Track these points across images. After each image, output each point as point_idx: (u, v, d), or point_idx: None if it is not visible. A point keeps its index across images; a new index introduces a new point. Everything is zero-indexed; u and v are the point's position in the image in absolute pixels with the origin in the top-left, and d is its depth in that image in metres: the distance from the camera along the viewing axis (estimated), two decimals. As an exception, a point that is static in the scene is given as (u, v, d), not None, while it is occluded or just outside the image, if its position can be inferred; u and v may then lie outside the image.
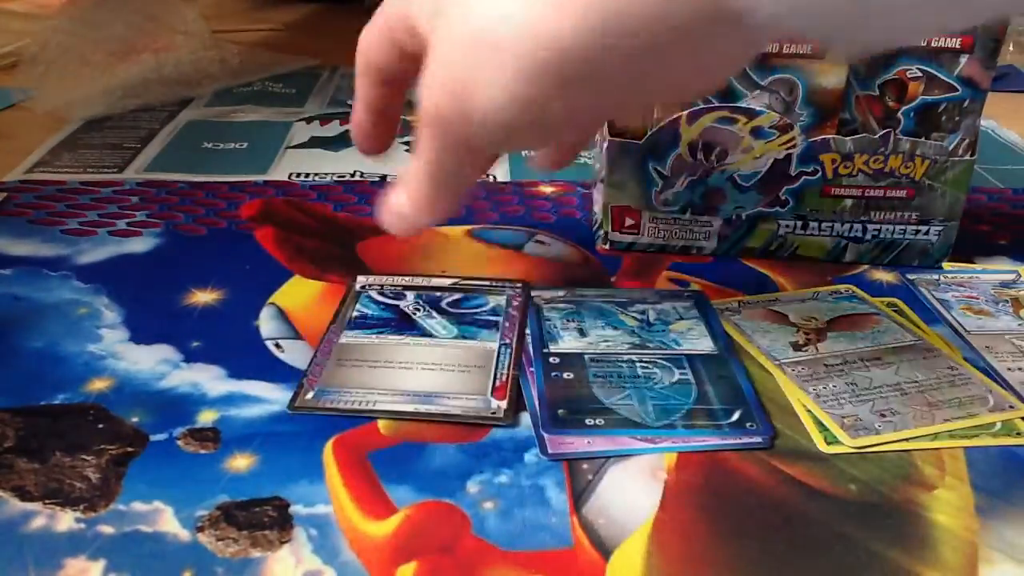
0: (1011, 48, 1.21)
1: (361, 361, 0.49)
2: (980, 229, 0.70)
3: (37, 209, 0.69)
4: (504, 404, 0.46)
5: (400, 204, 0.38)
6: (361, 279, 0.58)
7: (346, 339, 0.51)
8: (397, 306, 0.55)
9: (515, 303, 0.55)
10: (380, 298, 0.55)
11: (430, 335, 0.52)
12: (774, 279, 0.61)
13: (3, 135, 0.86)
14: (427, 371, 0.49)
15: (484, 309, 0.55)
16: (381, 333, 0.52)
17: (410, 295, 0.56)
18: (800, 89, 0.57)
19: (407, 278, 0.58)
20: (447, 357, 0.50)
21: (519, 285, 0.58)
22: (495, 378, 0.48)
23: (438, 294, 0.56)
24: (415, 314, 0.54)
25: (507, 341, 0.51)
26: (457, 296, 0.56)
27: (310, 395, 0.46)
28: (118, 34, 0.98)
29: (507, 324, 0.53)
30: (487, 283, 0.58)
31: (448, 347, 0.51)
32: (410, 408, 0.45)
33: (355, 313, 0.54)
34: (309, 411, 0.45)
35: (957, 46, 0.56)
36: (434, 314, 0.54)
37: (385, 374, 0.48)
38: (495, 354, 0.50)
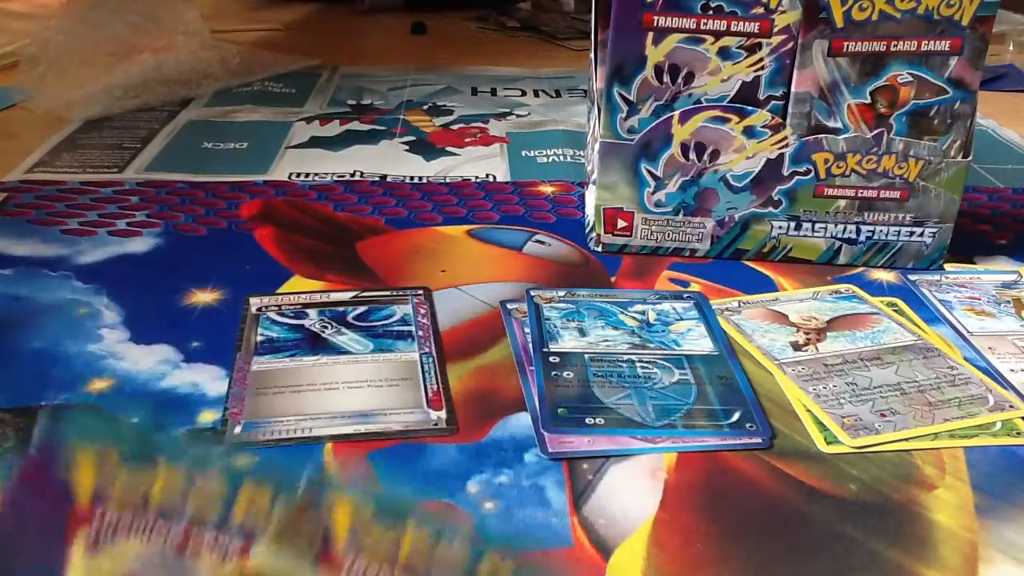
0: (1011, 48, 1.21)
1: (283, 387, 0.47)
2: (980, 229, 0.70)
3: (37, 209, 0.69)
4: (443, 414, 0.46)
5: None
6: (255, 301, 0.55)
7: (259, 366, 0.49)
8: (302, 325, 0.53)
9: (422, 310, 0.55)
10: (282, 319, 0.53)
11: (346, 352, 0.51)
12: (774, 279, 0.61)
13: (3, 135, 0.86)
14: (354, 389, 0.47)
15: (393, 320, 0.54)
16: (294, 355, 0.50)
17: (312, 313, 0.54)
18: None
19: (304, 296, 0.56)
20: (371, 373, 0.49)
21: (420, 291, 0.57)
22: (426, 389, 0.48)
23: (341, 309, 0.55)
24: (324, 332, 0.52)
25: (427, 350, 0.51)
26: (361, 309, 0.55)
27: (238, 429, 0.44)
28: (118, 34, 0.98)
29: (421, 333, 0.52)
30: (388, 293, 0.57)
31: (369, 363, 0.50)
32: (350, 430, 0.44)
33: (260, 337, 0.52)
34: (242, 447, 0.43)
35: (947, 48, 0.57)
36: (344, 330, 0.52)
37: (312, 398, 0.47)
38: (418, 365, 0.50)
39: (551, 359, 0.50)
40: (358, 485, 0.38)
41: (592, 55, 0.63)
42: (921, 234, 0.61)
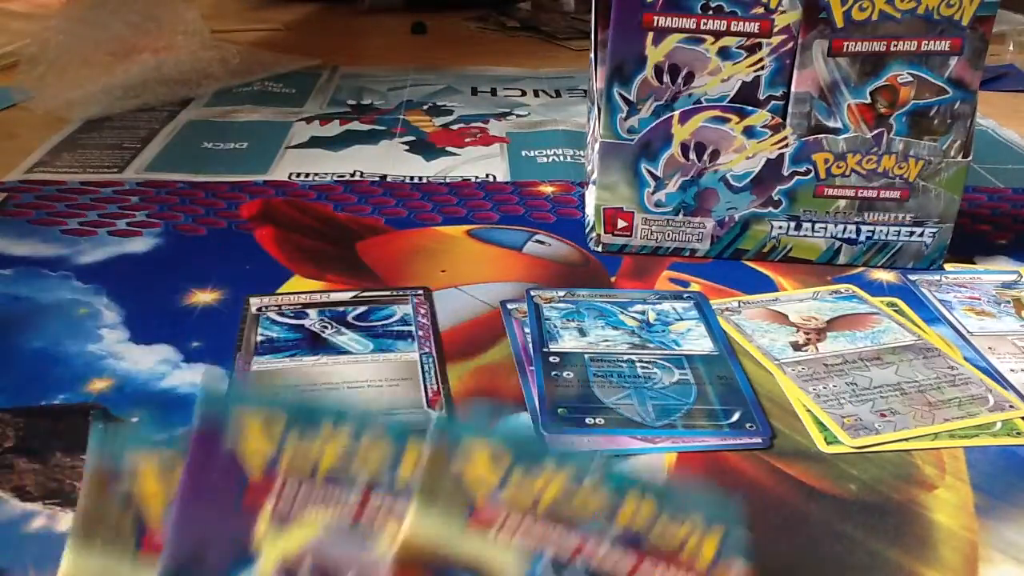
0: (1011, 48, 1.21)
1: (282, 388, 0.48)
2: (980, 229, 0.70)
3: (37, 209, 0.69)
4: (443, 414, 0.46)
5: None
6: (255, 301, 0.55)
7: (259, 366, 0.49)
8: (302, 325, 0.53)
9: (422, 310, 0.55)
10: (281, 319, 0.53)
11: (346, 352, 0.50)
12: (774, 279, 0.61)
13: (3, 135, 0.86)
14: (354, 389, 0.47)
15: (394, 319, 0.54)
16: (294, 355, 0.50)
17: (312, 313, 0.54)
18: None
19: (304, 295, 0.56)
20: (371, 373, 0.49)
21: (420, 291, 0.57)
22: (426, 388, 0.48)
23: (341, 309, 0.55)
24: (324, 332, 0.52)
25: (427, 350, 0.51)
26: (361, 309, 0.55)
27: None
28: (118, 34, 0.98)
29: (421, 333, 0.52)
30: (388, 293, 0.57)
31: (369, 363, 0.50)
32: None
33: (260, 337, 0.52)
34: None
35: (947, 48, 0.56)
36: (344, 330, 0.52)
37: (311, 399, 0.46)
38: (418, 364, 0.50)
39: (551, 359, 0.50)
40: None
41: (592, 55, 0.63)
42: (921, 234, 0.61)
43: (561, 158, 0.83)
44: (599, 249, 0.64)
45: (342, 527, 0.30)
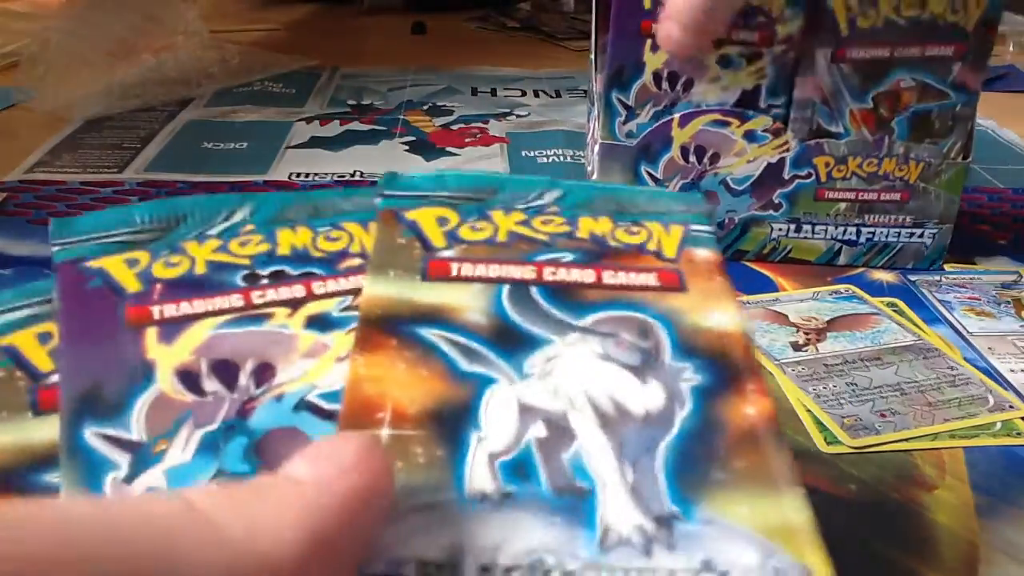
0: (1011, 48, 1.21)
1: None
2: (980, 229, 0.70)
3: (37, 209, 0.69)
4: None
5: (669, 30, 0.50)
6: None
7: None
8: None
9: None
10: None
11: None
12: (774, 279, 0.61)
13: (3, 135, 0.86)
14: None
15: None
16: None
17: None
18: None
19: None
20: None
21: None
22: None
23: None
24: None
25: None
26: None
27: None
28: (118, 34, 0.98)
29: None
30: None
31: None
32: None
33: None
34: None
35: (950, 54, 0.57)
36: None
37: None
38: None
39: (552, 360, 0.50)
40: None
41: (592, 57, 0.63)
42: (921, 235, 0.61)
43: (561, 158, 0.83)
44: (599, 250, 0.64)
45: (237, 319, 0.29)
